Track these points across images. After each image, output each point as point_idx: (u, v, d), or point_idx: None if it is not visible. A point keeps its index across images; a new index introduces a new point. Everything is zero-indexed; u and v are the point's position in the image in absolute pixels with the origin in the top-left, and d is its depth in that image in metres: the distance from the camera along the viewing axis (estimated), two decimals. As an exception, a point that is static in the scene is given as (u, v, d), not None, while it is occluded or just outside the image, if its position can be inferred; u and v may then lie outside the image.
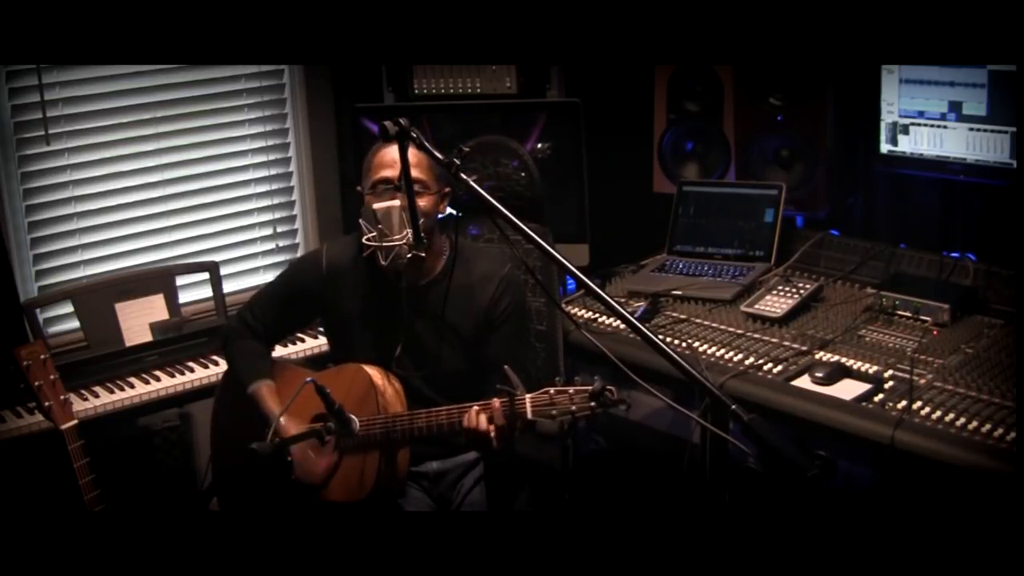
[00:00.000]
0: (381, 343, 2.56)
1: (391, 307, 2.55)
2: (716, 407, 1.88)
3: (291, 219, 3.83)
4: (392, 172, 2.43)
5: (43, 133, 3.20)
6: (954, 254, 3.01)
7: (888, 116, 3.15)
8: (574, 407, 2.17)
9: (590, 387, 2.15)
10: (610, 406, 2.15)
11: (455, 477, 2.65)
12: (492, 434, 2.26)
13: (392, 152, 2.41)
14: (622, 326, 2.92)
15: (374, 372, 2.50)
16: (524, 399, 2.20)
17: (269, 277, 3.66)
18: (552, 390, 2.19)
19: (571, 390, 2.18)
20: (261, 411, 2.55)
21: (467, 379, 2.55)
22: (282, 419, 2.47)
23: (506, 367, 2.24)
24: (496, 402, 2.25)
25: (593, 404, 2.15)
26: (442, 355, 2.56)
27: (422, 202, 2.40)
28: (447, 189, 2.54)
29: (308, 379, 2.35)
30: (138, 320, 3.18)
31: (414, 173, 2.32)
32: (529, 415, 2.20)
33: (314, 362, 3.16)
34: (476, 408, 2.28)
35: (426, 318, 2.56)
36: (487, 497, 2.65)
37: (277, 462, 2.48)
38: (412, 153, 2.26)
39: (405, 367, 2.56)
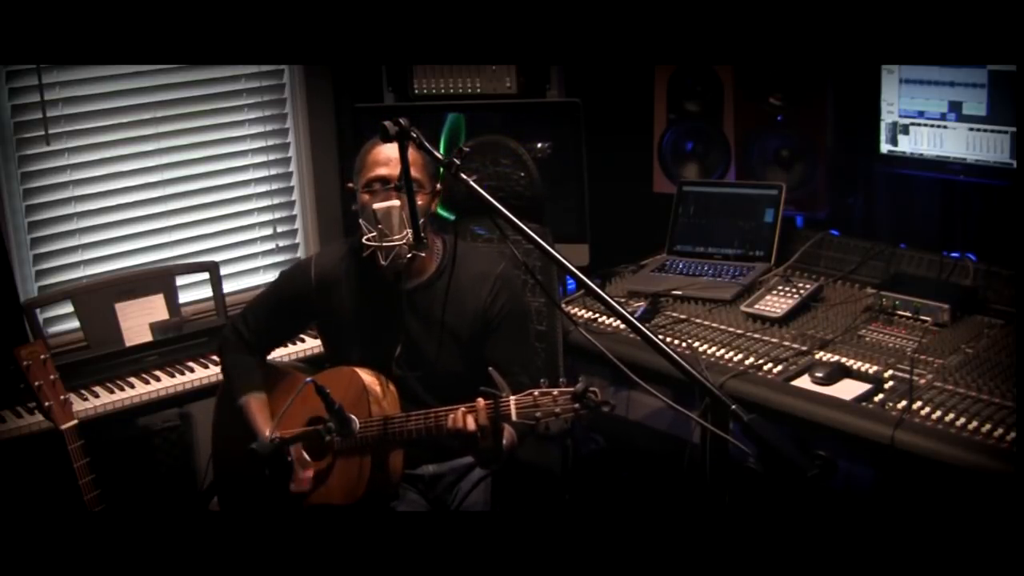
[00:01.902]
0: (377, 347, 2.55)
1: (386, 310, 2.55)
2: (716, 407, 1.88)
3: (291, 219, 3.83)
4: (387, 170, 2.43)
5: (43, 133, 3.20)
6: (954, 254, 3.00)
7: (888, 116, 3.15)
8: (558, 409, 2.16)
9: (573, 388, 2.16)
10: (593, 407, 2.14)
11: (451, 481, 2.65)
12: (478, 435, 2.26)
13: (386, 150, 2.41)
14: (622, 326, 2.92)
15: (368, 376, 2.50)
16: (508, 401, 2.20)
17: (269, 277, 3.67)
18: (536, 392, 2.19)
19: (555, 392, 2.17)
20: (248, 423, 2.56)
21: (465, 382, 2.54)
22: (279, 420, 2.48)
23: (491, 369, 2.24)
24: (481, 402, 2.25)
25: (576, 406, 2.15)
26: (438, 357, 2.55)
27: (419, 201, 2.38)
28: (439, 187, 2.54)
29: (308, 379, 2.35)
30: (138, 320, 3.17)
31: (411, 172, 2.33)
32: (514, 416, 2.20)
33: (313, 362, 3.16)
34: (462, 409, 2.28)
35: (421, 320, 2.55)
36: (493, 499, 2.64)
37: (277, 462, 2.48)
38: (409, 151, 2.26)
39: (403, 370, 2.55)
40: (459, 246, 2.59)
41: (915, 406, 2.40)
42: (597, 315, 3.07)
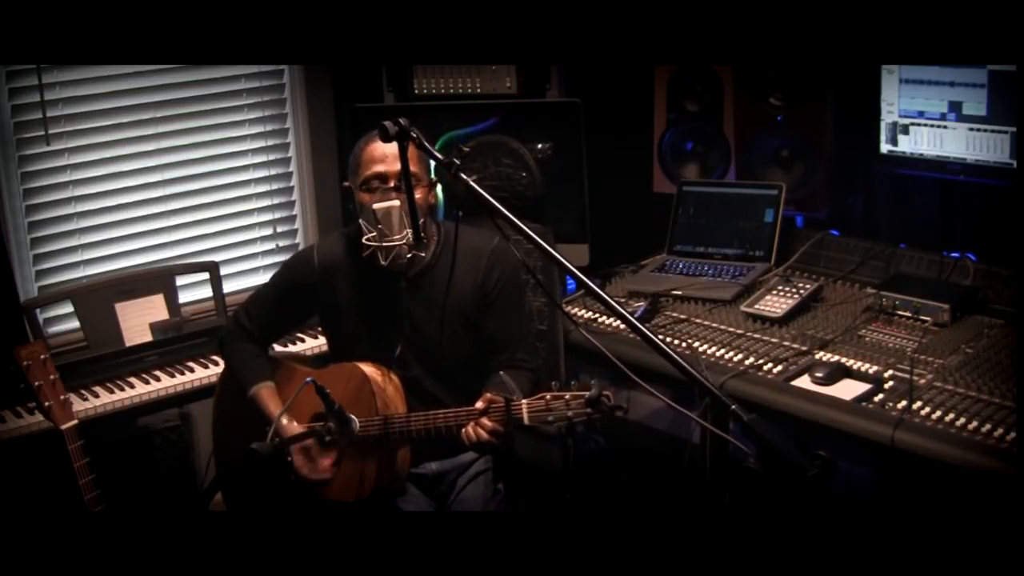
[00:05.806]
0: (381, 339, 2.56)
1: (389, 301, 2.55)
2: (716, 407, 1.88)
3: (291, 219, 3.83)
4: (384, 167, 2.42)
5: (43, 133, 3.20)
6: (954, 254, 3.00)
7: (888, 116, 3.15)
8: (570, 413, 2.16)
9: (586, 393, 2.14)
10: (607, 412, 2.14)
11: (454, 478, 2.65)
12: (493, 439, 2.28)
13: (382, 147, 2.40)
14: (622, 326, 2.92)
15: (372, 370, 2.50)
16: (521, 405, 2.20)
17: (269, 277, 3.66)
18: (548, 395, 2.18)
19: (567, 395, 2.16)
20: (262, 413, 2.55)
21: (473, 368, 2.55)
22: (283, 419, 2.48)
23: (502, 373, 2.24)
24: (488, 396, 2.27)
25: (590, 411, 2.14)
26: (446, 344, 2.55)
27: (416, 195, 2.33)
28: (434, 179, 2.54)
29: (308, 379, 2.35)
30: (138, 320, 3.17)
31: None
32: (526, 420, 2.20)
33: (314, 361, 3.15)
34: (474, 421, 2.30)
35: (425, 308, 2.55)
36: (490, 495, 2.65)
37: (277, 462, 2.48)
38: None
39: (408, 363, 2.56)
40: (450, 228, 2.59)
41: (915, 406, 2.40)
42: (597, 315, 3.07)
